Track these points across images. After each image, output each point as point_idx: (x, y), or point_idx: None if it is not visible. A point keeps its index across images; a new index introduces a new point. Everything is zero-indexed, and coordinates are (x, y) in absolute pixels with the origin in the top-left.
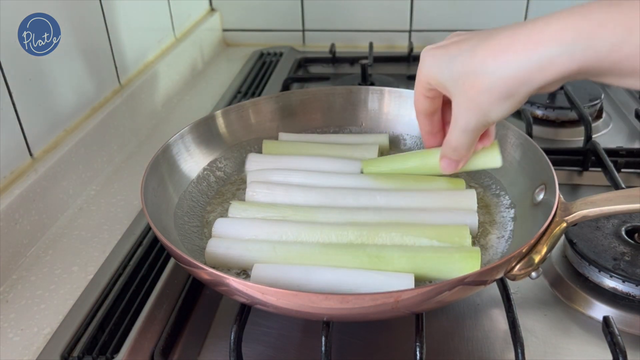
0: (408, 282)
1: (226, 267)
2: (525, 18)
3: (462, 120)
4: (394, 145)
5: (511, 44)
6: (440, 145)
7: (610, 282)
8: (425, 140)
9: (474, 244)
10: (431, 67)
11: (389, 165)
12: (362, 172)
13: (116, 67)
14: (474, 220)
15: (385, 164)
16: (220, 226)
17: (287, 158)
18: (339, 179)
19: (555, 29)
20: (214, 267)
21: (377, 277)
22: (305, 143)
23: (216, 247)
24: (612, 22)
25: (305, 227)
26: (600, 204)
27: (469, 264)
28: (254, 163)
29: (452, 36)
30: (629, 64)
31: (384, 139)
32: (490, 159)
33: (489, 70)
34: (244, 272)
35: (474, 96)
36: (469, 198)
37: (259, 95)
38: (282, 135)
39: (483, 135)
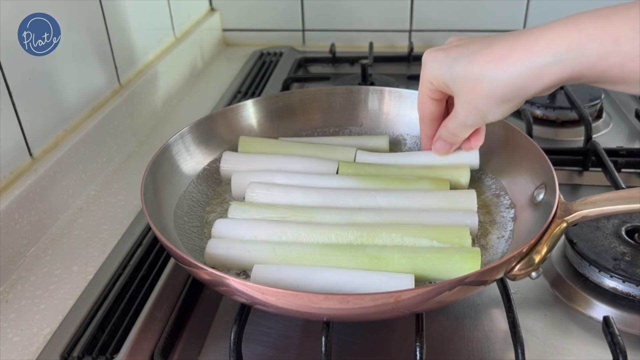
0: (408, 283)
1: (226, 268)
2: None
3: (461, 117)
4: (394, 146)
5: (510, 53)
6: None
7: (611, 282)
8: (424, 143)
9: (474, 244)
10: (434, 68)
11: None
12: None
13: (116, 67)
14: (474, 220)
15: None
16: (219, 227)
17: (264, 157)
18: (323, 179)
19: (550, 39)
20: (213, 268)
21: (377, 278)
22: (283, 142)
23: (216, 247)
24: (601, 33)
25: (305, 227)
26: (601, 204)
27: (469, 264)
28: (229, 163)
29: (451, 41)
30: (617, 72)
31: (383, 141)
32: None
33: (488, 77)
34: (243, 273)
35: (474, 99)
36: (469, 198)
37: (259, 95)
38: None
39: (475, 132)
